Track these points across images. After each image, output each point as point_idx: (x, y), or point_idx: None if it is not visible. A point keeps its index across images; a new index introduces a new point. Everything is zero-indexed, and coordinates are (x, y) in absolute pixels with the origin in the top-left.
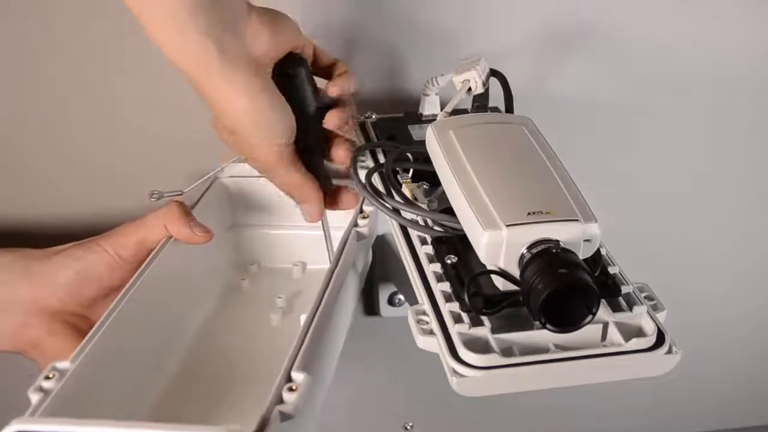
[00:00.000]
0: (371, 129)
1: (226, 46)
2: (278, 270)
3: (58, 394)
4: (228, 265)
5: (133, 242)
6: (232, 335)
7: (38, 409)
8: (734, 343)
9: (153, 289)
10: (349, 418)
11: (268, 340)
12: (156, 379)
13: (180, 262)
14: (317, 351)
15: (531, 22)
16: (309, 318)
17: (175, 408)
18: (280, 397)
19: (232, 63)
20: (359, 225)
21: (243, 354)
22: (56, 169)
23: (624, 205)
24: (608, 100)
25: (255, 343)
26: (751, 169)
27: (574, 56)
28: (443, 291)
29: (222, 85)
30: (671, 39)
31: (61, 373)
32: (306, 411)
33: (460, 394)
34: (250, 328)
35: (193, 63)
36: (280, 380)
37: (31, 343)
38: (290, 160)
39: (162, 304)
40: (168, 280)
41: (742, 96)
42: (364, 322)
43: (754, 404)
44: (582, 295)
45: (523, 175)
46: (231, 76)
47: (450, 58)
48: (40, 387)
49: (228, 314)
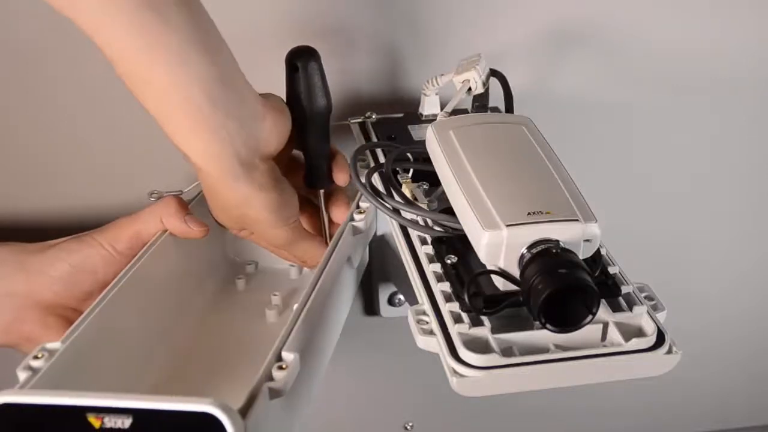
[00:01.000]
0: (371, 129)
1: (244, 149)
2: (276, 270)
3: (47, 372)
4: (225, 263)
5: (128, 235)
6: (226, 329)
7: (26, 385)
8: (734, 343)
9: (146, 279)
10: (349, 418)
11: (263, 335)
12: (146, 368)
13: (175, 256)
14: (309, 335)
15: (531, 22)
16: (301, 304)
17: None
18: (270, 374)
19: (248, 165)
20: (355, 219)
21: (236, 346)
22: (54, 164)
23: (624, 205)
24: (608, 100)
25: (249, 338)
26: (751, 169)
27: (574, 56)
28: (443, 291)
29: (241, 186)
30: (671, 39)
31: (50, 353)
32: (296, 391)
33: (460, 394)
34: (244, 323)
35: (213, 165)
36: (270, 359)
37: (25, 337)
38: (300, 232)
39: (155, 295)
40: (162, 272)
41: (742, 96)
42: (364, 322)
43: (754, 404)
44: (582, 295)
45: (523, 175)
46: (246, 175)
47: (450, 58)
48: (28, 365)
49: (223, 309)
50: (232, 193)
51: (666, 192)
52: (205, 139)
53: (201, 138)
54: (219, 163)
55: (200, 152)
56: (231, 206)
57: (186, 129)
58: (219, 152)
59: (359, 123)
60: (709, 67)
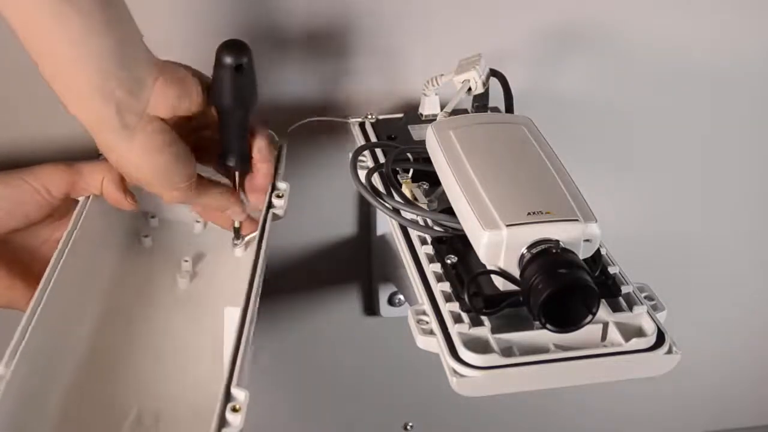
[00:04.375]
0: (371, 129)
1: (126, 110)
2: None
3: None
4: (130, 219)
5: (66, 183)
6: (138, 302)
7: None
8: (734, 342)
9: (78, 259)
10: (349, 418)
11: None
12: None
13: (97, 224)
14: (248, 358)
15: (531, 22)
16: (239, 327)
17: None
18: (223, 419)
19: (130, 127)
20: (275, 206)
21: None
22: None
23: (624, 205)
24: (608, 100)
25: (162, 312)
26: (751, 169)
27: (574, 56)
28: (443, 291)
29: (120, 144)
30: (671, 39)
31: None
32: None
33: (460, 394)
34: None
35: (93, 120)
36: (222, 401)
37: None
38: (198, 190)
39: (79, 272)
40: (87, 247)
41: (742, 96)
42: (364, 322)
43: (754, 404)
44: (582, 295)
45: (523, 174)
46: (129, 138)
47: (450, 58)
48: None
49: (132, 278)
50: (122, 156)
51: (666, 192)
52: (95, 108)
53: (90, 107)
54: (107, 126)
55: (90, 119)
56: (123, 168)
57: (76, 97)
58: (107, 118)
59: (359, 123)
60: (709, 66)
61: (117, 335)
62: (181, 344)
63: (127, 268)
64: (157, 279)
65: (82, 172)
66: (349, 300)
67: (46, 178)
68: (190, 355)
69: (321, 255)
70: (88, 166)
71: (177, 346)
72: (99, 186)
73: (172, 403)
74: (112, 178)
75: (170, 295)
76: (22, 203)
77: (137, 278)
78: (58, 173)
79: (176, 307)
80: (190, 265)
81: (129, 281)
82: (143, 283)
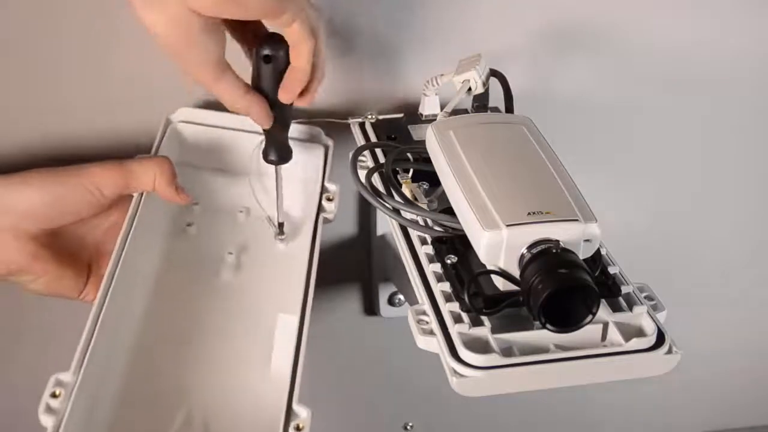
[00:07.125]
0: (371, 129)
1: None
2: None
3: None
4: (176, 208)
5: (119, 184)
6: (183, 297)
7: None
8: (734, 342)
9: (135, 256)
10: (349, 418)
11: (221, 304)
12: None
13: (149, 218)
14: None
15: (531, 22)
16: (297, 342)
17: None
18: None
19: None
20: (325, 210)
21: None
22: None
23: (624, 205)
24: (608, 100)
25: (207, 308)
26: (751, 169)
27: (574, 56)
28: (443, 291)
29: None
30: (671, 39)
31: (65, 388)
32: None
33: (460, 394)
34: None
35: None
36: (284, 419)
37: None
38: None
39: (135, 270)
40: (142, 242)
41: (742, 96)
42: (364, 322)
43: (754, 404)
44: (582, 295)
45: (523, 175)
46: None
47: (450, 58)
48: (48, 406)
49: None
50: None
51: (666, 192)
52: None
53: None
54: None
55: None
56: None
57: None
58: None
59: (359, 123)
60: (709, 67)
61: (162, 334)
62: (227, 345)
63: (173, 260)
64: (202, 271)
65: (134, 171)
66: (349, 300)
67: (99, 179)
68: (237, 357)
69: (321, 255)
70: (139, 165)
71: (223, 347)
72: (151, 184)
73: (220, 408)
74: (163, 176)
75: (215, 290)
76: (75, 203)
77: (183, 272)
78: (111, 175)
79: (221, 304)
80: (234, 257)
81: (175, 274)
82: (189, 276)
